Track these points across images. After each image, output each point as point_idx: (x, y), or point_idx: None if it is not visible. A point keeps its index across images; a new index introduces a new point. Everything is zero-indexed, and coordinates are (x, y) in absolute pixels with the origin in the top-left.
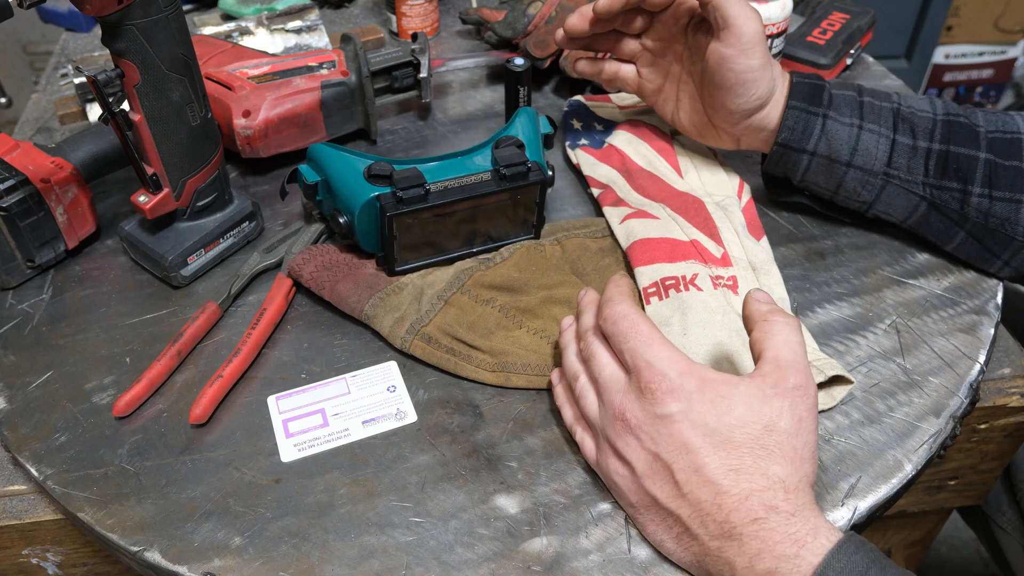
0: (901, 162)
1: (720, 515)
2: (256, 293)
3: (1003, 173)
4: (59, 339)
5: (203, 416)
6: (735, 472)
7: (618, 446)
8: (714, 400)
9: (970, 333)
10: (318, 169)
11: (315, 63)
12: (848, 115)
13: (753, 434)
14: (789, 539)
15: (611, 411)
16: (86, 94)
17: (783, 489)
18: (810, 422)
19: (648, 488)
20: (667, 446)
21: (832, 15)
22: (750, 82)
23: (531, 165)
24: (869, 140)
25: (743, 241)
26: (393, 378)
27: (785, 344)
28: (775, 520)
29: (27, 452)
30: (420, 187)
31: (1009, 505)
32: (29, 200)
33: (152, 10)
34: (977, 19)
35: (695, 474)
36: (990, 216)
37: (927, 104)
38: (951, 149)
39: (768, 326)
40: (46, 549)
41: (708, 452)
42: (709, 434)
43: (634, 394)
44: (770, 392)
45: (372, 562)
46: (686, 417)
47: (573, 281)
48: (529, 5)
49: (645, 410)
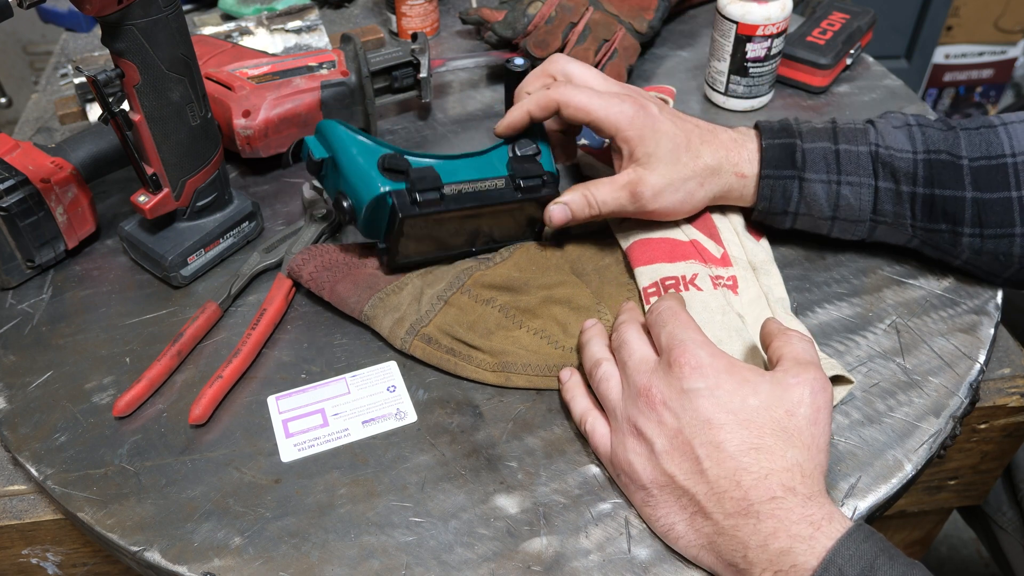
0: (887, 208)
1: (738, 492)
2: (256, 293)
3: (991, 209)
4: (59, 339)
5: (203, 417)
6: (756, 450)
7: (639, 423)
8: (740, 383)
9: (970, 333)
10: (327, 146)
11: (315, 63)
12: (824, 171)
13: (775, 417)
14: (805, 520)
15: (635, 389)
16: (86, 94)
17: (800, 472)
18: (826, 415)
19: (665, 465)
20: (690, 420)
21: (832, 15)
22: (674, 213)
23: (546, 178)
24: (850, 194)
25: (743, 241)
26: (393, 378)
27: (803, 350)
28: (792, 501)
29: (27, 452)
30: (436, 190)
31: (1009, 505)
32: (29, 200)
33: (152, 10)
34: (977, 19)
35: (716, 450)
36: (983, 252)
37: (906, 141)
38: (936, 192)
39: (787, 338)
40: (46, 549)
41: (731, 429)
42: (732, 412)
43: (663, 371)
44: (792, 382)
45: (372, 562)
46: (712, 394)
47: (573, 281)
48: (529, 5)
49: (672, 385)
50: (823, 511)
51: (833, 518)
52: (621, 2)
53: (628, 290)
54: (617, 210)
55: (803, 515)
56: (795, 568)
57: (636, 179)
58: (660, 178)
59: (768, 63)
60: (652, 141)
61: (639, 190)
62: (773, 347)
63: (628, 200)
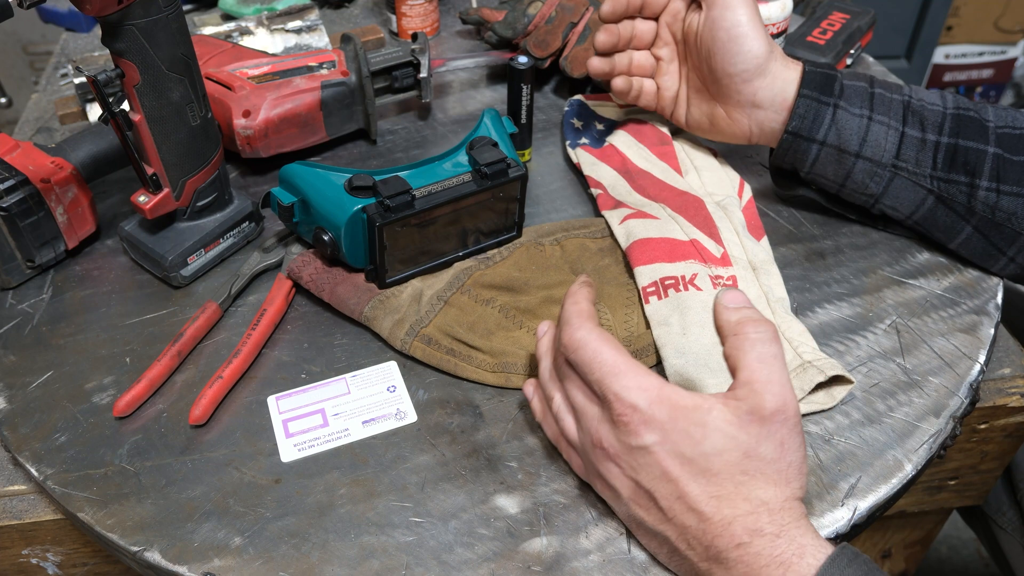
0: (909, 154)
1: (706, 539)
2: (256, 293)
3: (1011, 167)
4: (59, 339)
5: (203, 417)
6: (716, 499)
7: (601, 471)
8: (687, 429)
9: (970, 333)
10: (293, 190)
11: (315, 63)
12: (859, 106)
13: (732, 461)
14: (775, 562)
15: (589, 438)
16: (86, 94)
17: (767, 511)
18: (793, 441)
19: (633, 511)
20: (647, 475)
21: (832, 15)
22: (741, 37)
23: (509, 162)
24: (879, 131)
25: (743, 241)
26: (393, 378)
27: (759, 362)
28: (759, 543)
29: (27, 452)
30: (406, 193)
31: (1009, 505)
32: (29, 200)
33: (152, 10)
34: (977, 19)
35: (678, 501)
36: (997, 210)
37: (938, 98)
38: (959, 143)
39: (739, 340)
40: (46, 549)
41: (688, 480)
42: (687, 463)
43: (608, 424)
44: (746, 419)
45: (372, 562)
46: (662, 448)
47: (573, 281)
48: (529, 5)
49: (621, 441)
50: (794, 546)
51: (805, 552)
52: None
53: (628, 290)
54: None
55: (772, 556)
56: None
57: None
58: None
59: None
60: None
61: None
62: (727, 352)
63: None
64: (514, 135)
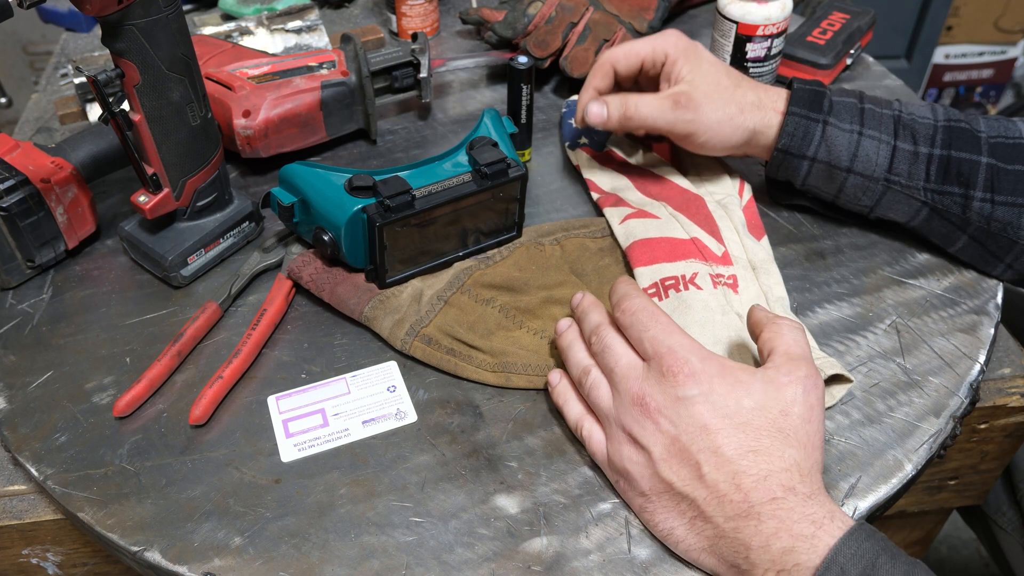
0: (902, 168)
1: (738, 495)
2: (256, 293)
3: (1005, 177)
4: (59, 339)
5: (202, 417)
6: (754, 453)
7: (635, 432)
8: (733, 385)
9: (970, 333)
10: (293, 190)
11: (315, 63)
12: (848, 121)
13: (771, 418)
14: (807, 519)
15: (628, 397)
16: (86, 94)
17: (799, 472)
18: (819, 412)
19: (663, 473)
20: (687, 427)
21: (832, 15)
22: (712, 132)
23: (509, 162)
24: (869, 146)
25: (743, 240)
26: (393, 378)
27: (794, 342)
28: (793, 500)
29: (27, 452)
30: (406, 193)
31: (1009, 505)
32: (29, 200)
33: (152, 10)
34: (977, 19)
35: (714, 455)
36: (992, 220)
37: (928, 111)
38: (952, 154)
39: (776, 327)
40: (46, 549)
41: (727, 433)
42: (728, 416)
43: (654, 378)
44: (784, 380)
45: (372, 562)
46: (707, 399)
47: (573, 281)
48: (529, 5)
49: (666, 392)
50: (824, 509)
51: (835, 516)
52: (621, 2)
53: None
54: (655, 119)
55: (804, 514)
56: (798, 567)
57: (680, 91)
58: (705, 93)
59: (768, 63)
60: (695, 59)
61: (683, 99)
62: (763, 338)
63: (670, 107)
64: (514, 135)
